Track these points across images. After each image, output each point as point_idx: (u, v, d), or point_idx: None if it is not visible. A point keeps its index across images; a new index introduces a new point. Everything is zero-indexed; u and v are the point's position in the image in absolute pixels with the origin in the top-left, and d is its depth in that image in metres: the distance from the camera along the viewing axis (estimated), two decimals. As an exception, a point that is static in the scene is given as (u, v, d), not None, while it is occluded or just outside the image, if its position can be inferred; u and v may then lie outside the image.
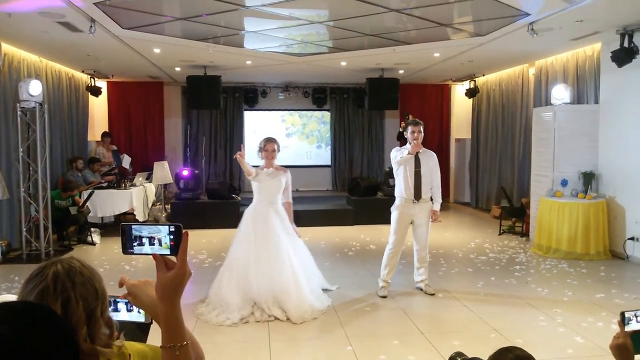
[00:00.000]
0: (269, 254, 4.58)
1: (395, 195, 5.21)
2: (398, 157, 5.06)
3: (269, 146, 4.83)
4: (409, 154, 4.97)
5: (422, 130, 5.05)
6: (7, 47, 6.95)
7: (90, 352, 1.16)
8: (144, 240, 1.20)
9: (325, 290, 5.15)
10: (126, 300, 1.43)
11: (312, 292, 4.71)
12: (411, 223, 5.15)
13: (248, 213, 4.85)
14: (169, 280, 1.16)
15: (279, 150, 4.89)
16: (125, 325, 1.51)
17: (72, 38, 6.45)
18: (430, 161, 5.14)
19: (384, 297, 5.06)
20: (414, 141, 4.96)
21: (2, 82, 6.86)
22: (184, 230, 1.19)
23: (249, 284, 4.53)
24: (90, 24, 5.70)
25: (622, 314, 1.64)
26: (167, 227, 1.19)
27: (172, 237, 1.19)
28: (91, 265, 1.29)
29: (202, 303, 4.69)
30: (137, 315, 1.61)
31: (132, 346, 1.28)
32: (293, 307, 4.42)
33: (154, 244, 1.20)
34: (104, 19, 5.72)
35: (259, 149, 4.91)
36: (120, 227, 1.21)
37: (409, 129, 5.06)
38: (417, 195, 5.04)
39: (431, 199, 5.17)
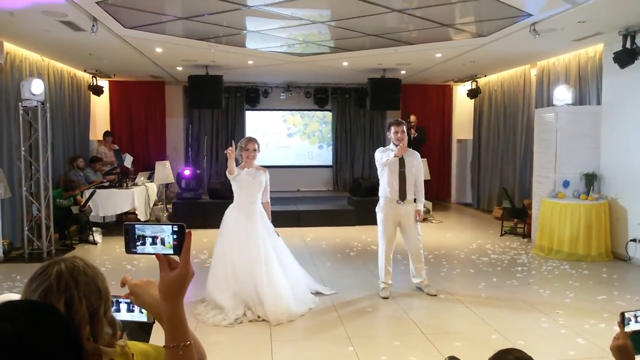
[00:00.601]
0: (251, 255, 4.59)
1: (380, 195, 5.18)
2: (383, 159, 5.01)
3: (250, 146, 4.81)
4: (395, 156, 4.91)
5: (405, 130, 4.99)
6: (10, 46, 6.96)
7: (93, 351, 1.16)
8: (147, 239, 1.20)
9: (318, 293, 5.11)
10: (128, 300, 1.42)
11: (294, 294, 4.67)
12: (399, 225, 5.14)
13: (229, 213, 4.82)
14: (172, 280, 1.16)
15: (259, 151, 4.87)
16: (127, 325, 1.51)
17: (74, 37, 6.46)
18: (414, 161, 5.10)
19: (386, 298, 5.06)
20: (400, 144, 4.89)
21: (4, 80, 6.87)
22: (187, 230, 1.19)
23: (237, 284, 4.55)
24: (92, 23, 5.71)
25: (622, 314, 1.65)
26: (170, 226, 1.19)
27: (175, 236, 1.19)
28: (94, 265, 1.29)
29: (201, 303, 4.70)
30: (139, 315, 1.61)
31: (135, 346, 1.28)
32: (270, 309, 4.42)
33: (157, 244, 1.19)
34: (106, 18, 5.72)
35: (239, 148, 4.84)
36: (124, 227, 1.21)
37: (392, 129, 5.01)
38: (402, 196, 5.02)
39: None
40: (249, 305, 4.50)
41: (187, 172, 9.65)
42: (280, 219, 5.96)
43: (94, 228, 7.83)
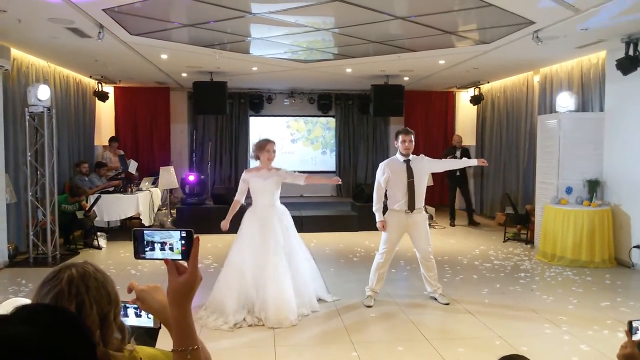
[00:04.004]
0: (262, 258, 4.61)
1: (388, 205, 5.09)
2: (377, 213, 5.04)
3: (270, 146, 4.79)
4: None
5: (412, 139, 4.97)
6: (16, 52, 7.02)
7: (103, 356, 1.17)
8: (156, 245, 1.22)
9: (320, 300, 5.05)
10: (135, 305, 1.45)
11: (300, 297, 4.67)
12: (408, 235, 5.07)
13: (246, 217, 4.85)
14: (181, 285, 1.18)
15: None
16: (134, 330, 1.53)
17: (80, 43, 6.52)
18: (421, 167, 5.01)
19: (369, 307, 4.94)
20: (407, 152, 4.94)
21: (11, 86, 6.93)
22: (195, 236, 1.21)
23: (244, 287, 4.59)
24: (98, 30, 5.77)
25: (630, 323, 1.62)
26: (178, 232, 1.21)
27: (183, 242, 1.20)
28: (104, 270, 1.31)
29: (201, 308, 4.72)
30: (145, 320, 1.63)
31: (143, 350, 1.30)
32: (272, 312, 4.44)
33: (165, 249, 1.21)
34: (113, 25, 5.78)
35: (257, 148, 4.82)
36: (133, 233, 1.23)
37: (400, 137, 4.96)
38: (411, 206, 4.93)
39: (426, 210, 5.13)
40: (250, 308, 4.53)
41: (191, 178, 9.69)
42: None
43: (98, 233, 7.86)
